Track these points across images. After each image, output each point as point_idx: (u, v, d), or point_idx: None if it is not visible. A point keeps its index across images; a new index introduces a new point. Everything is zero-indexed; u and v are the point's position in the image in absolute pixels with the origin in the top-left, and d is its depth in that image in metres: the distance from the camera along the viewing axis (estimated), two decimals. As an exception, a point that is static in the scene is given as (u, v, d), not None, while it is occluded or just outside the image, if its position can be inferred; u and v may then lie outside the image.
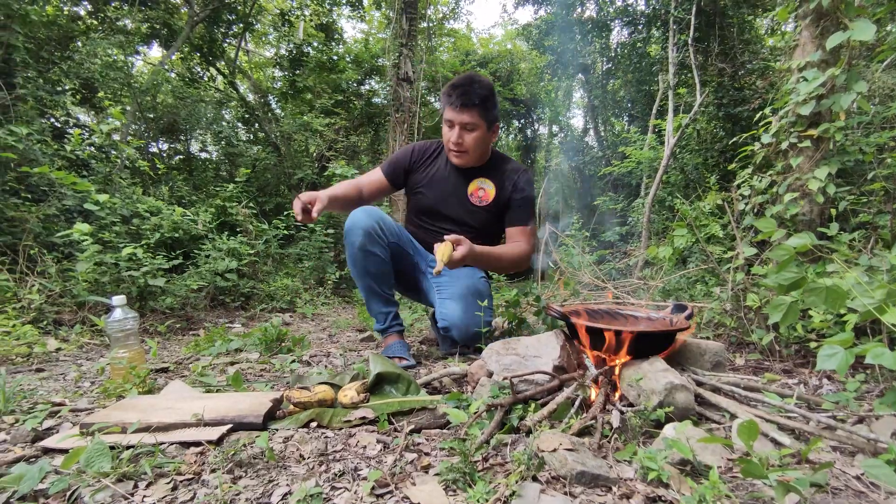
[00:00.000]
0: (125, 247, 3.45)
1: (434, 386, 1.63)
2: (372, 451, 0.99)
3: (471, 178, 2.03)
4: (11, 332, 2.43)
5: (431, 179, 2.06)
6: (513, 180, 2.01)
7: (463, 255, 1.65)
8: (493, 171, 2.04)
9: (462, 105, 1.81)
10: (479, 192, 2.03)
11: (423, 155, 2.09)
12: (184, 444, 1.03)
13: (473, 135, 1.88)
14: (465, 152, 1.90)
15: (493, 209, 2.03)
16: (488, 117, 1.89)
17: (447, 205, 2.05)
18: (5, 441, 1.10)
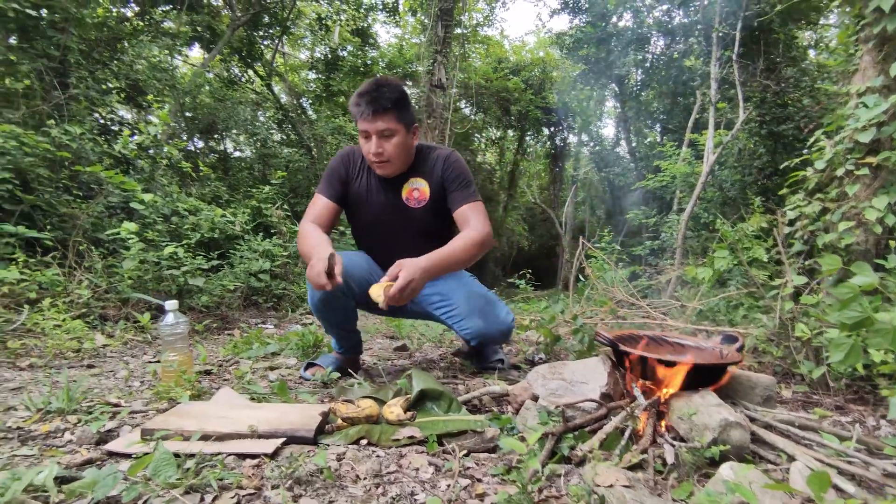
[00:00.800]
0: (167, 246, 3.56)
1: (474, 404, 1.63)
2: (425, 473, 1.00)
3: (402, 183, 1.88)
4: (62, 325, 2.52)
5: (363, 194, 1.91)
6: (441, 165, 1.87)
7: (408, 279, 1.47)
8: (421, 168, 1.89)
9: (374, 112, 1.66)
10: (413, 194, 1.89)
11: (354, 163, 1.92)
12: (240, 456, 1.06)
13: (393, 141, 1.73)
14: (387, 162, 1.76)
15: (433, 205, 1.89)
16: (405, 119, 1.75)
17: (385, 220, 1.92)
18: (72, 441, 1.14)
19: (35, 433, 1.18)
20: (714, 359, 1.38)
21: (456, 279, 1.96)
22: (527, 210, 21.27)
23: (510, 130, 17.48)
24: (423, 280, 1.53)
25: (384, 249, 1.94)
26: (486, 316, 1.86)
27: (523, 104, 12.34)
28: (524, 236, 21.40)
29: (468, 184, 1.88)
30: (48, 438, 1.16)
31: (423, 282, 1.54)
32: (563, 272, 17.30)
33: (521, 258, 20.97)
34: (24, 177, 3.31)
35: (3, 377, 1.79)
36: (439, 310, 1.95)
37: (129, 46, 6.46)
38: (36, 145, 3.38)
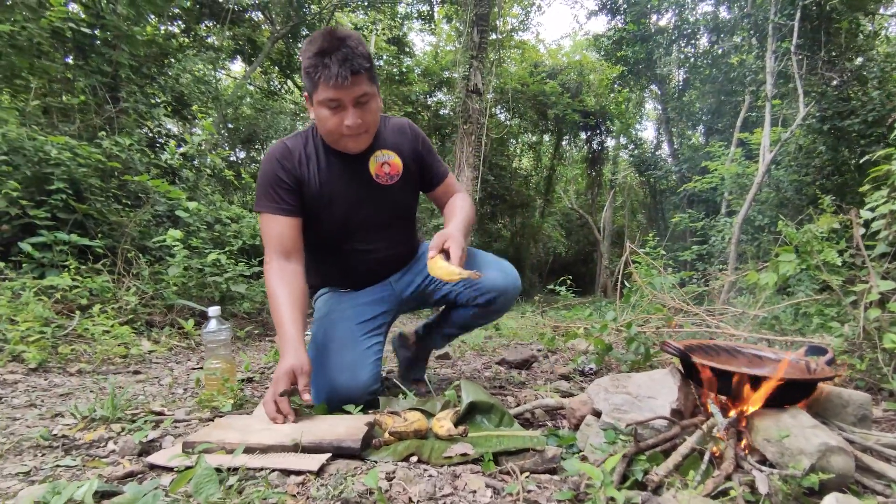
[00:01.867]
0: (210, 253, 3.60)
1: (525, 418, 1.53)
2: (483, 497, 0.91)
3: (366, 159, 1.56)
4: (111, 331, 2.56)
5: (324, 188, 1.53)
6: (409, 136, 1.64)
7: (461, 245, 1.35)
8: (382, 138, 1.59)
9: (353, 73, 1.32)
10: (383, 169, 1.59)
11: (294, 160, 1.52)
12: (285, 472, 0.99)
13: (371, 107, 1.44)
14: (365, 133, 1.46)
15: (406, 178, 1.62)
16: (375, 79, 1.46)
17: (354, 209, 1.58)
18: (115, 451, 1.11)
19: (79, 442, 1.15)
20: (802, 373, 1.23)
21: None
22: (563, 216, 20.92)
23: (546, 135, 17.26)
24: (465, 243, 1.44)
25: (364, 256, 1.65)
26: (505, 270, 1.66)
27: (560, 108, 12.15)
28: (561, 242, 21.03)
29: (434, 154, 1.73)
30: (91, 448, 1.13)
31: (466, 244, 1.44)
32: (602, 279, 16.88)
33: (558, 264, 20.61)
34: (77, 187, 3.42)
35: (54, 382, 1.80)
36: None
37: (176, 61, 6.69)
38: (89, 156, 3.50)
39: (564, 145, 18.07)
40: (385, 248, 1.69)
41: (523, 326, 4.14)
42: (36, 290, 2.65)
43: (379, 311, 1.68)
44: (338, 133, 1.43)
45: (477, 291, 1.62)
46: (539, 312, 4.82)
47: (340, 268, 1.71)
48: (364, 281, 1.73)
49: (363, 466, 1.04)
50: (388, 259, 1.72)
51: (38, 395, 1.61)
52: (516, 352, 2.53)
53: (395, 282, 1.74)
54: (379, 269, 1.73)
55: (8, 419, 1.34)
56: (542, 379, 2.21)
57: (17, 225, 3.10)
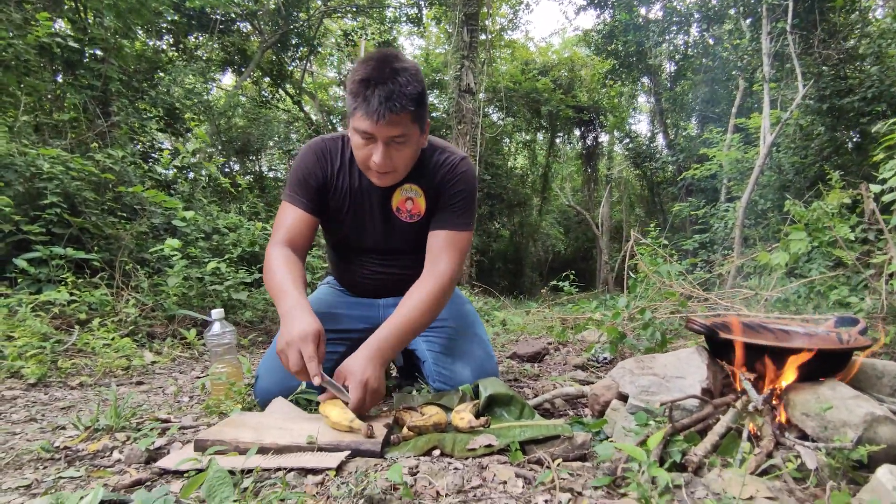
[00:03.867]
0: (209, 262, 3.55)
1: (545, 408, 1.48)
2: (515, 488, 0.85)
3: (393, 189, 1.48)
4: (112, 344, 2.50)
5: (346, 201, 1.50)
6: (444, 172, 1.48)
7: (360, 390, 1.16)
8: (420, 172, 1.48)
9: (391, 113, 1.20)
10: (406, 205, 1.50)
11: (333, 161, 1.48)
12: (302, 472, 0.94)
13: (405, 150, 1.32)
14: (393, 172, 1.36)
15: (428, 221, 1.51)
16: (421, 119, 1.33)
17: (369, 232, 1.55)
18: (120, 461, 1.05)
19: (82, 453, 1.10)
20: (834, 344, 1.18)
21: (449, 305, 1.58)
22: (561, 213, 20.92)
23: (540, 133, 17.26)
24: (379, 373, 1.23)
25: (366, 272, 1.63)
26: (475, 364, 1.50)
27: (553, 104, 12.14)
28: (560, 239, 21.02)
29: (467, 207, 1.49)
30: (95, 458, 1.07)
31: (382, 372, 1.25)
32: (603, 274, 16.86)
33: (558, 262, 20.57)
34: (71, 200, 3.36)
35: (55, 396, 1.74)
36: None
37: (165, 74, 6.65)
38: (82, 169, 3.45)
39: (558, 142, 18.07)
40: (387, 273, 1.65)
41: (530, 322, 4.09)
42: (33, 305, 2.59)
43: (354, 326, 1.61)
44: (364, 165, 1.36)
45: (440, 375, 1.53)
46: (545, 307, 4.77)
47: (343, 268, 1.71)
48: (359, 291, 1.71)
49: (383, 463, 0.99)
50: (387, 283, 1.66)
51: (39, 410, 1.54)
52: (527, 345, 2.48)
53: (384, 307, 1.67)
54: (375, 288, 1.68)
55: (7, 434, 1.28)
56: (556, 370, 2.16)
57: (10, 242, 3.04)
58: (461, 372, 1.48)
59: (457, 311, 1.64)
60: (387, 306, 1.67)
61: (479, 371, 1.49)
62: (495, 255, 16.09)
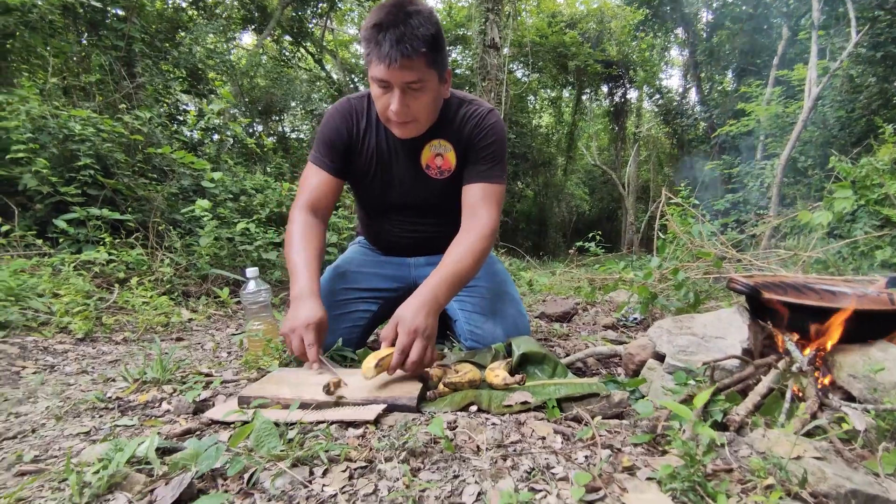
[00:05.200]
0: (238, 222, 3.60)
1: (577, 367, 1.48)
2: (554, 443, 0.86)
3: (422, 145, 1.46)
4: (150, 302, 2.59)
5: (373, 161, 1.49)
6: (473, 124, 1.45)
7: (409, 337, 1.13)
8: (446, 126, 1.45)
9: (403, 56, 1.17)
10: (435, 162, 1.48)
11: (359, 120, 1.47)
12: (343, 425, 0.96)
13: (423, 97, 1.29)
14: (412, 122, 1.33)
15: (458, 177, 1.49)
16: (439, 64, 1.29)
17: (398, 191, 1.54)
18: (169, 411, 1.10)
19: (134, 403, 1.15)
20: (886, 305, 1.14)
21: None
22: (586, 173, 20.48)
23: (566, 90, 16.71)
24: (433, 321, 1.19)
25: (397, 230, 1.63)
26: (505, 322, 1.51)
27: (581, 59, 11.66)
28: (584, 200, 20.68)
29: (498, 159, 1.47)
30: (146, 408, 1.12)
31: (432, 323, 1.19)
32: (628, 235, 16.62)
33: (582, 223, 20.31)
34: (103, 162, 3.42)
35: (102, 350, 1.82)
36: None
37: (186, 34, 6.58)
38: (112, 130, 3.49)
39: (585, 99, 17.48)
40: (418, 231, 1.64)
41: (557, 282, 4.07)
42: (74, 265, 2.69)
43: (385, 286, 1.63)
44: (384, 116, 1.34)
45: (472, 335, 1.53)
46: (572, 268, 4.74)
47: (373, 227, 1.71)
48: (390, 250, 1.72)
49: (420, 417, 1.01)
50: (418, 242, 1.66)
51: (89, 363, 1.62)
52: (556, 304, 2.48)
53: (415, 266, 1.69)
54: (406, 247, 1.69)
55: (63, 385, 1.34)
56: (586, 330, 2.15)
57: (49, 203, 3.13)
58: (493, 331, 1.49)
59: (488, 271, 1.63)
60: (418, 265, 1.68)
61: (511, 330, 1.49)
62: (519, 215, 15.95)
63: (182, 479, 0.72)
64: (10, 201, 3.02)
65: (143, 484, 0.74)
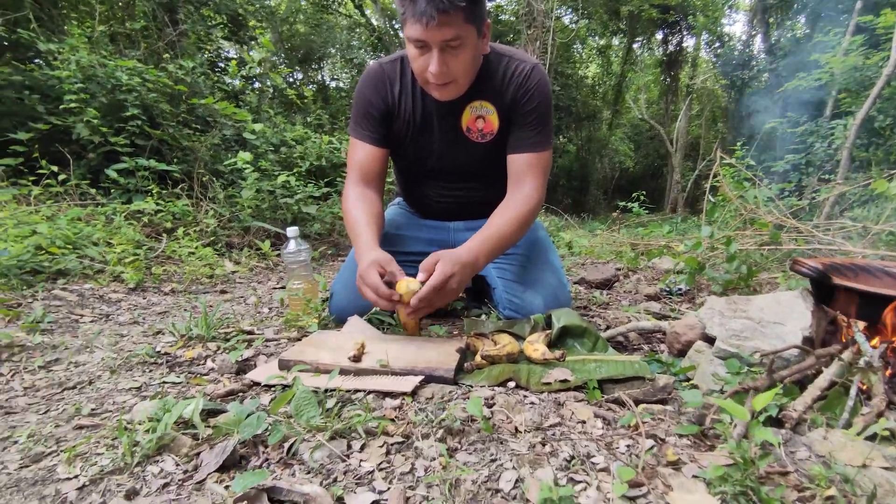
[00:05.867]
0: (279, 175, 3.63)
1: (618, 341, 1.44)
2: (594, 429, 0.84)
3: (462, 107, 1.39)
4: (196, 252, 2.67)
5: (410, 126, 1.42)
6: (517, 84, 1.36)
7: (446, 275, 1.11)
8: (488, 85, 1.37)
9: (440, 12, 1.09)
10: (476, 124, 1.41)
11: (392, 86, 1.40)
12: (380, 394, 0.97)
13: (462, 55, 1.20)
14: (451, 83, 1.26)
15: (502, 138, 1.42)
16: (477, 18, 1.19)
17: (437, 155, 1.47)
18: (214, 370, 1.13)
19: (181, 359, 1.19)
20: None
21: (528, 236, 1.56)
22: (632, 127, 19.58)
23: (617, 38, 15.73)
24: (464, 278, 1.16)
25: (435, 195, 1.59)
26: (547, 294, 1.46)
27: (635, 4, 10.86)
28: (629, 156, 19.89)
29: (544, 123, 1.39)
30: (193, 365, 1.16)
31: (466, 281, 1.18)
32: (673, 194, 15.97)
33: (625, 180, 19.62)
34: (149, 112, 3.47)
35: (151, 301, 1.90)
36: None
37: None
38: (156, 80, 3.51)
39: (636, 48, 16.44)
40: (457, 196, 1.60)
41: (597, 245, 3.96)
42: (125, 214, 2.79)
43: (424, 249, 1.59)
44: (422, 78, 1.28)
45: (510, 304, 1.49)
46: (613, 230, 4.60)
47: (412, 191, 1.68)
48: (430, 213, 1.68)
49: (458, 391, 1.00)
50: (458, 206, 1.62)
51: (140, 313, 1.69)
52: (596, 271, 2.41)
53: (455, 230, 1.66)
54: (446, 211, 1.65)
55: (117, 335, 1.41)
56: (627, 299, 2.09)
57: (101, 153, 3.23)
58: (533, 301, 1.45)
59: (530, 238, 1.58)
60: (457, 230, 1.64)
61: (551, 300, 1.45)
62: (559, 171, 15.52)
63: (225, 445, 0.73)
64: (65, 150, 3.12)
65: (189, 447, 0.76)
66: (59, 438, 0.81)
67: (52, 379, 1.08)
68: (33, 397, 0.99)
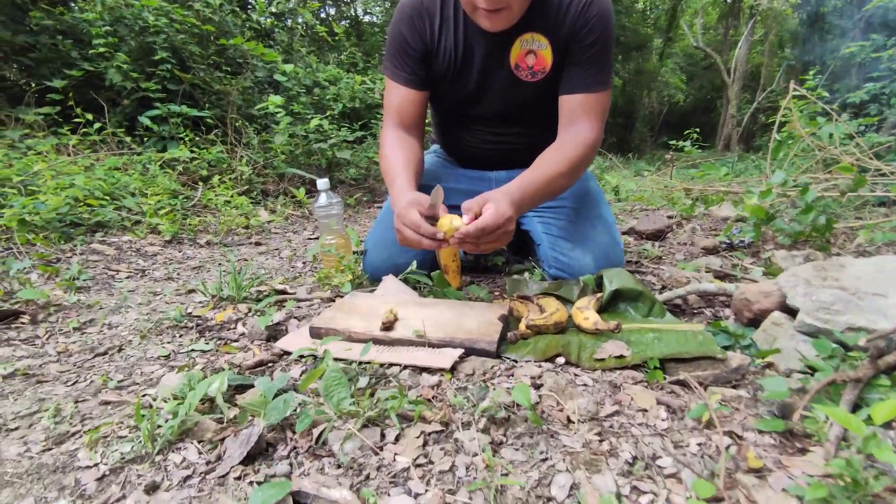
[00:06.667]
0: (312, 118, 3.51)
1: (675, 304, 1.30)
2: (657, 419, 0.74)
3: (511, 40, 1.22)
4: (231, 201, 2.64)
5: (452, 62, 1.27)
6: (575, 14, 1.17)
7: (497, 219, 0.97)
8: (542, 15, 1.18)
9: None
10: (527, 61, 1.24)
11: (431, 21, 1.24)
12: (416, 369, 0.89)
13: None
14: (505, 10, 1.10)
15: (554, 78, 1.25)
16: None
17: (480, 96, 1.32)
18: (244, 335, 1.08)
19: (211, 323, 1.15)
20: None
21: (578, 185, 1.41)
22: (686, 57, 18.16)
23: (674, -47, 14.23)
24: (514, 221, 1.03)
25: (476, 141, 1.44)
26: (597, 252, 1.32)
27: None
28: (680, 89, 18.58)
29: (603, 59, 1.21)
30: (222, 330, 1.11)
31: (514, 224, 1.03)
32: (726, 130, 14.95)
33: (674, 115, 18.48)
34: (179, 55, 3.37)
35: (186, 255, 1.88)
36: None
37: None
38: (183, 20, 3.38)
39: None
40: (502, 142, 1.44)
41: (645, 188, 3.71)
42: (160, 163, 2.76)
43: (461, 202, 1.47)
44: (470, 4, 1.12)
45: (557, 262, 1.35)
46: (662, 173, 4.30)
47: (451, 137, 1.53)
48: (469, 162, 1.54)
49: (500, 366, 0.91)
50: (501, 154, 1.46)
51: (175, 268, 1.67)
52: (648, 220, 2.23)
53: (496, 181, 1.50)
54: (487, 159, 1.49)
55: (150, 294, 1.39)
56: (682, 253, 1.92)
57: (134, 99, 3.18)
58: (582, 259, 1.33)
59: (580, 189, 1.43)
60: (499, 181, 1.50)
61: (602, 259, 1.32)
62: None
63: (250, 434, 0.68)
64: (99, 98, 3.09)
65: (214, 431, 0.71)
66: (85, 416, 0.78)
67: (84, 343, 1.06)
68: (65, 363, 0.97)
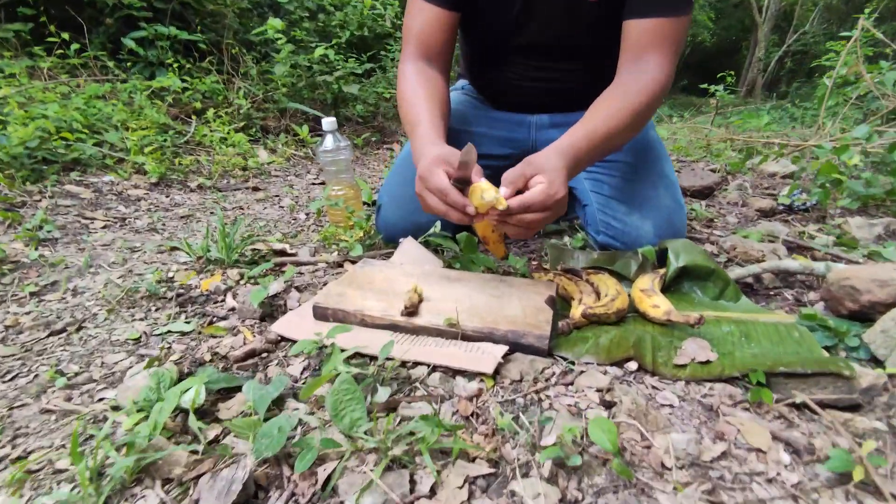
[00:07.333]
0: (316, 47, 3.17)
1: (746, 282, 1.09)
2: (779, 466, 0.55)
3: None
4: (228, 138, 2.39)
5: None
6: None
7: (550, 196, 0.75)
8: None
9: None
10: None
11: None
12: (448, 371, 0.70)
13: None
14: None
15: (617, 2, 0.99)
16: None
17: (524, 20, 1.06)
18: (233, 310, 0.89)
19: (195, 293, 0.95)
20: None
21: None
22: (716, -7, 16.87)
23: None
24: (566, 198, 0.79)
25: (516, 77, 1.18)
26: (659, 218, 1.10)
27: None
28: (706, 28, 17.41)
29: None
30: (207, 303, 0.92)
31: (567, 199, 0.79)
32: (751, 74, 14.15)
33: (696, 57, 17.48)
34: (166, -32, 2.99)
35: (175, 201, 1.66)
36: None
37: None
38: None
39: None
40: (546, 79, 1.16)
41: (681, 137, 3.41)
42: (148, 92, 2.48)
43: (495, 151, 1.23)
44: None
45: (608, 228, 1.12)
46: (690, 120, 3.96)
47: (483, 72, 1.25)
48: (506, 103, 1.27)
49: (554, 369, 0.72)
50: (545, 93, 1.19)
51: (160, 217, 1.47)
52: (693, 175, 1.98)
53: (538, 127, 1.25)
54: (528, 100, 1.23)
55: (127, 250, 1.19)
56: (734, 215, 1.70)
57: (118, 17, 2.84)
58: (639, 226, 1.10)
59: (638, 140, 1.18)
60: (541, 126, 1.25)
61: (664, 227, 1.10)
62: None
63: (232, 478, 0.49)
64: (79, 16, 2.75)
65: (185, 466, 0.53)
66: (17, 431, 0.60)
67: (40, 314, 0.87)
68: (11, 344, 0.78)
